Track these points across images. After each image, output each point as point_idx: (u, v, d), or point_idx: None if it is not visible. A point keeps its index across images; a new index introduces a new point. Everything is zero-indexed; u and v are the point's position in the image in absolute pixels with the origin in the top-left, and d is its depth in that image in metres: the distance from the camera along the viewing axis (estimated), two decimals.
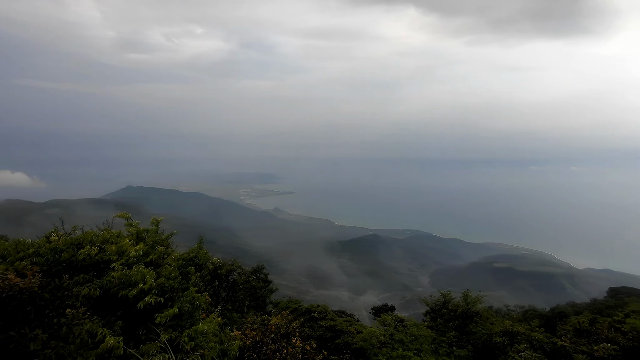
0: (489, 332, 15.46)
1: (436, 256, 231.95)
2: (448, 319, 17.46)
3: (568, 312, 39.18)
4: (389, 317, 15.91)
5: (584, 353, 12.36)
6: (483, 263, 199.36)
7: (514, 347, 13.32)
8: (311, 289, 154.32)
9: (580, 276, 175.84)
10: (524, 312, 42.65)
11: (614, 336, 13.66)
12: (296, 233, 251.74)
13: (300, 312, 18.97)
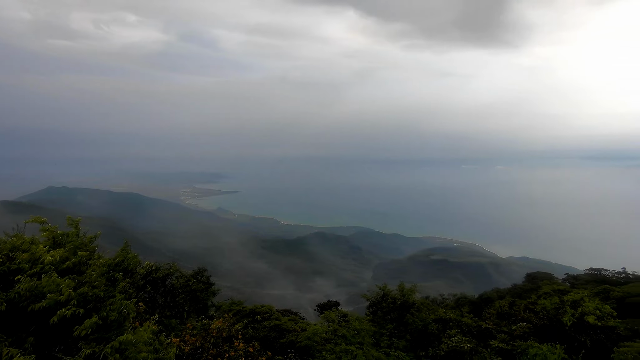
0: (425, 321, 16.48)
1: (379, 251, 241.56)
2: (387, 311, 18.28)
3: (493, 297, 42.99)
4: (332, 313, 16.20)
5: (504, 333, 13.74)
6: (421, 256, 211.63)
7: (446, 333, 14.36)
8: (257, 289, 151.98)
9: (503, 264, 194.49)
10: (456, 300, 45.64)
11: (529, 316, 15.36)
12: (240, 233, 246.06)
13: (244, 314, 18.57)
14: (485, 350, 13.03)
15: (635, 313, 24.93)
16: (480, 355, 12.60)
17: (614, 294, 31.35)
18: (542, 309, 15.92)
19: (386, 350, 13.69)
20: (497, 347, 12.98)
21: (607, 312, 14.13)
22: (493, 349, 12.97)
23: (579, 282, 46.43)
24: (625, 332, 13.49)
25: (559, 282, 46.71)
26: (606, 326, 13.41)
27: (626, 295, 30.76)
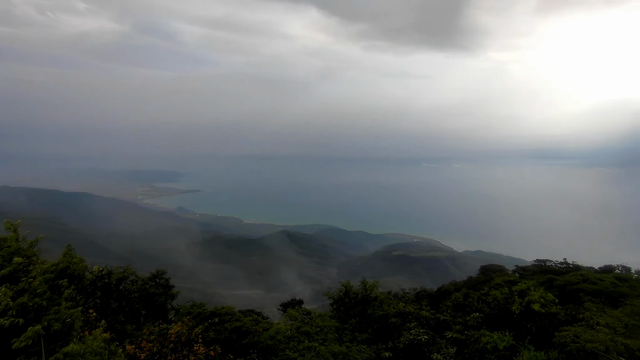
0: (386, 315, 16.97)
1: (343, 248, 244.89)
2: (350, 307, 18.62)
3: (450, 290, 45.01)
4: (295, 311, 16.22)
5: (459, 323, 14.48)
6: (384, 252, 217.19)
7: (406, 326, 14.89)
8: (220, 290, 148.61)
9: (460, 258, 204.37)
10: (416, 294, 47.15)
11: (481, 307, 16.29)
12: (203, 233, 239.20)
13: (204, 317, 18.08)
14: (442, 341, 13.67)
15: (574, 299, 27.23)
16: (437, 346, 13.20)
17: (557, 283, 34.02)
18: (493, 299, 16.94)
19: (348, 345, 13.93)
20: (452, 337, 13.67)
21: (549, 300, 15.31)
22: (449, 340, 13.63)
23: (527, 273, 49.73)
24: (564, 318, 14.72)
25: (510, 274, 49.51)
26: (549, 313, 14.54)
27: (567, 283, 33.49)
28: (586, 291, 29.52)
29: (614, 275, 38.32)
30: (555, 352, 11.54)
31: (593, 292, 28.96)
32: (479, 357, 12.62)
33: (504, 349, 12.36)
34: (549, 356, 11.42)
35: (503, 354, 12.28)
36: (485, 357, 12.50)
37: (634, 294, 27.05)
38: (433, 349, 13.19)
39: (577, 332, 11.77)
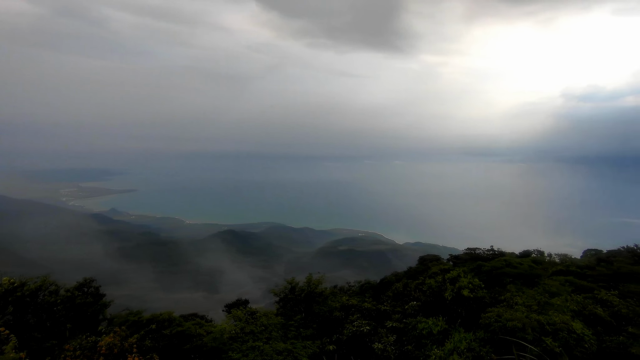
0: (330, 309, 17.31)
1: (290, 245, 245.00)
2: (295, 303, 18.70)
3: (392, 281, 47.16)
4: (239, 311, 15.89)
5: (399, 312, 15.28)
6: (330, 247, 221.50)
7: (349, 319, 15.34)
8: (161, 294, 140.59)
9: (401, 250, 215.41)
10: (361, 286, 48.62)
11: (418, 295, 17.34)
12: (140, 235, 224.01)
13: (141, 325, 16.95)
14: (383, 330, 14.31)
15: (499, 282, 30.08)
16: (378, 335, 13.80)
17: (485, 269, 37.22)
18: (429, 287, 18.09)
19: (293, 341, 13.96)
20: (392, 326, 14.37)
21: (477, 285, 16.74)
22: (389, 329, 14.31)
23: (460, 261, 53.68)
24: (489, 300, 16.21)
25: (445, 262, 52.99)
26: (477, 297, 15.90)
27: (493, 268, 36.81)
28: (508, 274, 32.66)
29: (531, 258, 42.95)
30: (481, 332, 12.67)
31: (514, 275, 32.15)
32: (416, 342, 13.43)
33: (437, 333, 13.28)
34: (476, 336, 12.50)
35: (437, 338, 13.19)
36: (422, 342, 13.34)
37: (546, 275, 30.56)
38: (374, 339, 13.76)
39: (499, 312, 13.04)
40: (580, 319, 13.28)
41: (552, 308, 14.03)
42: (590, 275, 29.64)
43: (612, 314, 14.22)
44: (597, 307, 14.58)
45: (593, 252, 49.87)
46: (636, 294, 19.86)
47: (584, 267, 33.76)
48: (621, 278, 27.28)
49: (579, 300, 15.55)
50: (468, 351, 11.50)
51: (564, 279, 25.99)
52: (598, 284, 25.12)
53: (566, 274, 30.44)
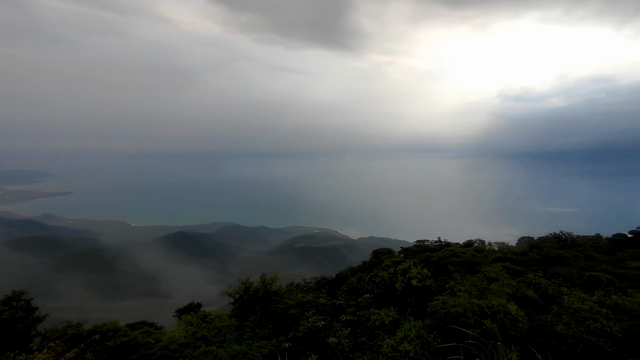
0: (286, 307, 17.30)
1: (245, 245, 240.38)
2: (250, 304, 18.44)
3: (347, 275, 48.16)
4: (190, 316, 15.33)
5: (352, 306, 15.66)
6: (286, 245, 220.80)
7: (305, 315, 15.44)
8: (105, 304, 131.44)
9: (355, 245, 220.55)
10: (317, 282, 49.05)
11: (371, 288, 17.90)
12: (77, 242, 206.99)
13: (81, 338, 15.70)
14: (338, 324, 14.60)
15: (445, 271, 31.96)
16: (333, 330, 14.05)
17: (433, 259, 39.31)
18: (381, 279, 18.74)
19: (249, 342, 13.77)
20: (346, 320, 14.71)
21: (425, 275, 17.68)
22: (343, 322, 14.63)
23: (410, 253, 56.11)
24: (436, 289, 17.18)
25: (396, 255, 55.10)
26: (425, 286, 16.78)
27: (440, 258, 39.00)
28: (454, 263, 34.77)
29: (474, 248, 46.07)
30: (429, 320, 13.41)
31: (458, 264, 34.30)
32: (369, 333, 13.87)
33: (389, 324, 13.83)
34: (424, 323, 13.20)
35: (389, 328, 13.73)
36: (375, 332, 13.81)
37: (487, 262, 32.96)
38: (330, 333, 14.00)
39: (444, 300, 13.89)
40: (514, 301, 14.54)
41: (490, 293, 15.20)
42: (524, 261, 32.46)
43: (541, 294, 15.74)
44: (528, 290, 16.05)
45: (526, 239, 54.64)
46: (561, 275, 22.16)
47: (518, 254, 36.86)
48: (549, 261, 30.26)
49: (513, 284, 17.00)
50: (417, 338, 12.10)
51: (501, 265, 28.22)
52: (530, 268, 27.64)
53: (504, 260, 33.07)
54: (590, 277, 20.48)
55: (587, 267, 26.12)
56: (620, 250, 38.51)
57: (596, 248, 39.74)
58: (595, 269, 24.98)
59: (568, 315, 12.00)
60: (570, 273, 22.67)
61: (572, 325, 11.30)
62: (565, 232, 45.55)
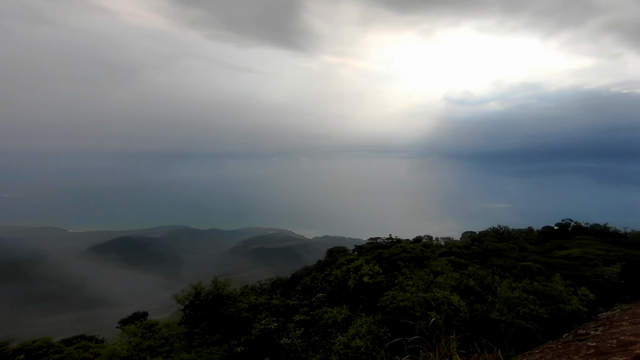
0: (239, 310, 16.96)
1: (197, 248, 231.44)
2: (202, 309, 17.83)
3: (303, 275, 48.31)
4: (134, 326, 14.47)
5: (306, 306, 15.74)
6: (241, 247, 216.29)
7: (257, 317, 15.25)
8: (37, 319, 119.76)
9: (311, 244, 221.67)
10: (272, 283, 48.65)
11: (325, 286, 18.12)
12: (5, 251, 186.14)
13: (5, 358, 14.14)
14: (291, 325, 14.60)
15: (396, 267, 33.24)
16: (287, 331, 14.03)
17: (385, 255, 40.70)
18: (335, 278, 19.06)
19: (198, 350, 13.31)
20: (299, 320, 14.76)
21: (376, 272, 18.27)
22: (297, 322, 14.67)
23: (363, 251, 57.57)
24: (386, 284, 17.84)
25: (350, 253, 56.23)
26: (376, 282, 17.34)
27: (391, 255, 40.47)
28: (404, 259, 36.28)
29: (422, 243, 48.42)
30: (379, 315, 13.88)
31: (408, 259, 35.84)
32: (322, 332, 14.04)
33: (342, 321, 14.11)
34: (375, 319, 13.64)
35: (342, 325, 14.01)
36: (328, 331, 14.01)
37: (434, 257, 34.75)
38: (283, 334, 13.96)
39: (394, 295, 14.46)
40: (458, 293, 15.51)
41: (436, 285, 16.10)
42: (467, 254, 34.70)
43: (480, 284, 16.96)
44: (470, 281, 17.22)
45: (469, 233, 58.53)
46: (498, 266, 24.03)
47: (462, 247, 39.32)
48: (489, 254, 32.66)
49: (456, 276, 18.15)
50: (368, 334, 12.48)
51: (447, 259, 29.95)
52: (472, 261, 29.64)
53: (449, 254, 35.09)
54: (523, 267, 22.43)
55: (521, 258, 28.58)
56: (548, 241, 42.61)
57: (529, 240, 43.60)
58: (527, 259, 27.41)
59: (501, 302, 13.10)
60: (506, 264, 24.66)
61: (504, 312, 12.36)
62: (503, 226, 49.45)
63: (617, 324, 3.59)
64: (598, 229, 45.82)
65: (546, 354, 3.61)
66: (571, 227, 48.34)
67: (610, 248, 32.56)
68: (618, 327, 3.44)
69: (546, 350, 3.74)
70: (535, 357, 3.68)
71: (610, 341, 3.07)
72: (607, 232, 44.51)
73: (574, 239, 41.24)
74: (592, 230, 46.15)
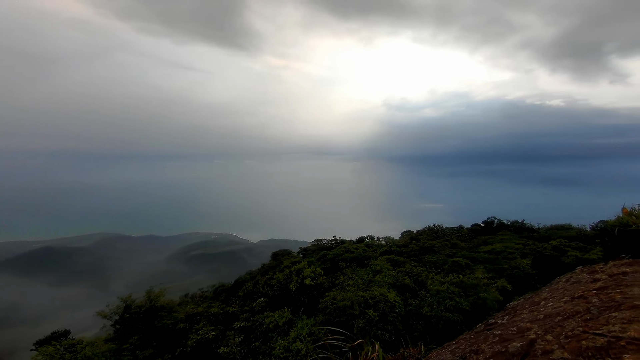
0: (175, 321, 16.02)
1: (132, 257, 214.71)
2: (133, 323, 16.54)
3: (247, 280, 47.21)
4: (51, 347, 12.97)
5: (247, 312, 15.37)
6: (180, 254, 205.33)
7: (194, 327, 14.54)
8: None
9: (255, 248, 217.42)
10: (215, 290, 46.83)
11: (267, 290, 17.86)
12: None
13: None
14: (231, 333, 14.13)
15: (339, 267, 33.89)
16: (226, 339, 13.55)
17: (329, 256, 41.32)
18: (277, 281, 18.85)
19: None
20: (240, 327, 14.35)
21: (318, 273, 18.45)
22: (237, 330, 14.24)
23: (308, 252, 57.89)
24: (328, 285, 18.09)
25: (295, 255, 56.18)
26: (317, 284, 17.50)
27: (335, 255, 41.20)
28: (347, 259, 37.14)
29: (365, 243, 49.99)
30: (320, 316, 14.02)
31: (351, 259, 36.76)
32: (263, 337, 13.79)
33: (283, 325, 13.99)
34: (316, 320, 13.75)
35: (283, 329, 13.88)
36: (269, 335, 13.79)
37: (375, 256, 36.05)
38: (221, 343, 13.46)
39: (334, 295, 14.71)
40: (395, 289, 16.23)
41: (375, 284, 16.69)
42: (405, 252, 36.56)
43: (415, 281, 17.95)
44: (405, 278, 18.14)
45: (408, 232, 61.76)
46: (432, 262, 25.63)
47: (401, 246, 41.33)
48: (425, 251, 34.73)
49: (394, 274, 19.00)
50: (309, 336, 12.53)
51: (387, 257, 31.26)
52: (410, 258, 31.29)
53: (389, 253, 36.66)
54: (453, 262, 24.18)
55: (452, 254, 30.78)
56: (476, 238, 46.50)
57: (459, 237, 47.19)
58: (457, 255, 29.60)
59: (432, 297, 14.00)
60: (439, 260, 26.40)
61: (434, 306, 13.22)
62: (437, 225, 52.93)
63: (519, 312, 3.89)
64: (517, 225, 51.08)
65: (460, 344, 3.81)
66: (495, 224, 53.28)
67: (526, 242, 36.45)
68: (520, 315, 3.73)
69: (461, 341, 3.95)
70: (451, 348, 3.88)
71: (511, 329, 3.32)
72: (524, 228, 49.75)
73: (497, 235, 45.48)
74: (512, 226, 51.33)
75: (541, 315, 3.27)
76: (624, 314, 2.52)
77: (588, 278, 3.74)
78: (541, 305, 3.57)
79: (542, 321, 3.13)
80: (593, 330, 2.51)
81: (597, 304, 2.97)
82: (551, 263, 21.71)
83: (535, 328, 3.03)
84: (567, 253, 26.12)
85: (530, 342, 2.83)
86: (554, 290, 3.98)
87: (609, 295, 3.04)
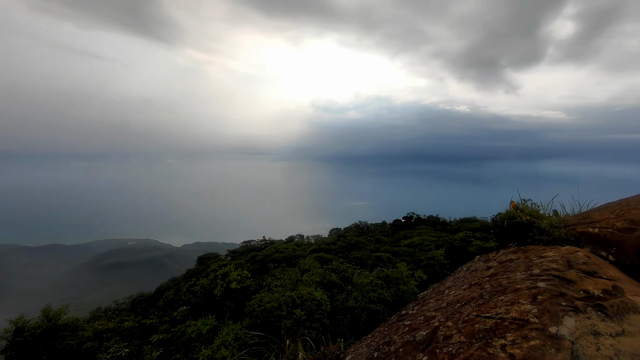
0: (80, 341, 14.22)
1: (29, 271, 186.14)
2: (27, 347, 14.26)
3: (170, 287, 44.16)
4: None
5: (166, 322, 14.31)
6: (91, 263, 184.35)
7: (104, 346, 13.08)
8: None
9: (179, 253, 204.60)
10: (133, 301, 43.11)
11: (189, 298, 16.86)
12: None
13: None
14: (148, 347, 13.00)
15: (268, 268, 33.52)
16: (142, 355, 12.43)
17: (258, 258, 40.65)
18: (201, 287, 17.90)
19: None
20: (158, 340, 13.29)
21: (245, 276, 17.96)
22: (155, 343, 13.16)
23: (237, 255, 56.36)
24: (255, 288, 17.74)
25: (223, 258, 54.31)
26: (244, 287, 17.03)
27: (265, 256, 40.70)
28: (277, 260, 36.93)
29: (294, 243, 50.28)
30: (247, 320, 13.64)
31: (281, 259, 36.65)
32: (185, 348, 12.96)
33: (207, 332, 13.32)
34: (242, 324, 13.35)
35: (207, 337, 13.21)
36: (191, 345, 13.01)
37: (305, 254, 36.41)
38: None
39: (261, 297, 14.45)
40: (322, 287, 16.54)
41: (302, 283, 16.80)
42: (334, 249, 37.57)
43: (342, 277, 18.52)
44: (332, 275, 18.60)
45: (335, 230, 63.65)
46: (357, 258, 26.72)
47: (330, 243, 42.38)
48: (351, 248, 36.06)
49: (321, 272, 19.35)
50: (235, 341, 12.10)
51: (316, 256, 31.77)
52: (338, 255, 32.20)
53: (318, 251, 37.34)
54: (376, 257, 25.52)
55: (375, 249, 32.47)
56: (397, 232, 49.76)
57: (383, 232, 50.01)
58: (380, 249, 31.32)
59: (357, 290, 14.59)
60: (364, 255, 27.63)
61: (359, 299, 13.81)
62: (363, 221, 55.46)
63: (427, 301, 4.13)
64: (432, 220, 55.88)
65: (375, 337, 3.93)
66: (414, 219, 57.63)
67: (440, 235, 40.06)
68: (427, 304, 3.95)
69: (376, 333, 4.07)
70: (367, 342, 3.98)
71: (419, 318, 3.50)
72: (438, 222, 54.62)
73: (415, 229, 49.22)
74: (428, 220, 56.02)
75: (444, 304, 3.53)
76: (508, 297, 2.82)
77: (483, 266, 4.16)
78: (445, 294, 3.87)
79: (445, 309, 3.37)
80: (484, 313, 2.75)
81: (488, 289, 3.29)
82: (460, 252, 24.23)
83: (439, 316, 3.25)
84: (472, 243, 29.33)
85: (434, 330, 3.00)
86: (456, 279, 4.36)
87: (498, 280, 3.40)
